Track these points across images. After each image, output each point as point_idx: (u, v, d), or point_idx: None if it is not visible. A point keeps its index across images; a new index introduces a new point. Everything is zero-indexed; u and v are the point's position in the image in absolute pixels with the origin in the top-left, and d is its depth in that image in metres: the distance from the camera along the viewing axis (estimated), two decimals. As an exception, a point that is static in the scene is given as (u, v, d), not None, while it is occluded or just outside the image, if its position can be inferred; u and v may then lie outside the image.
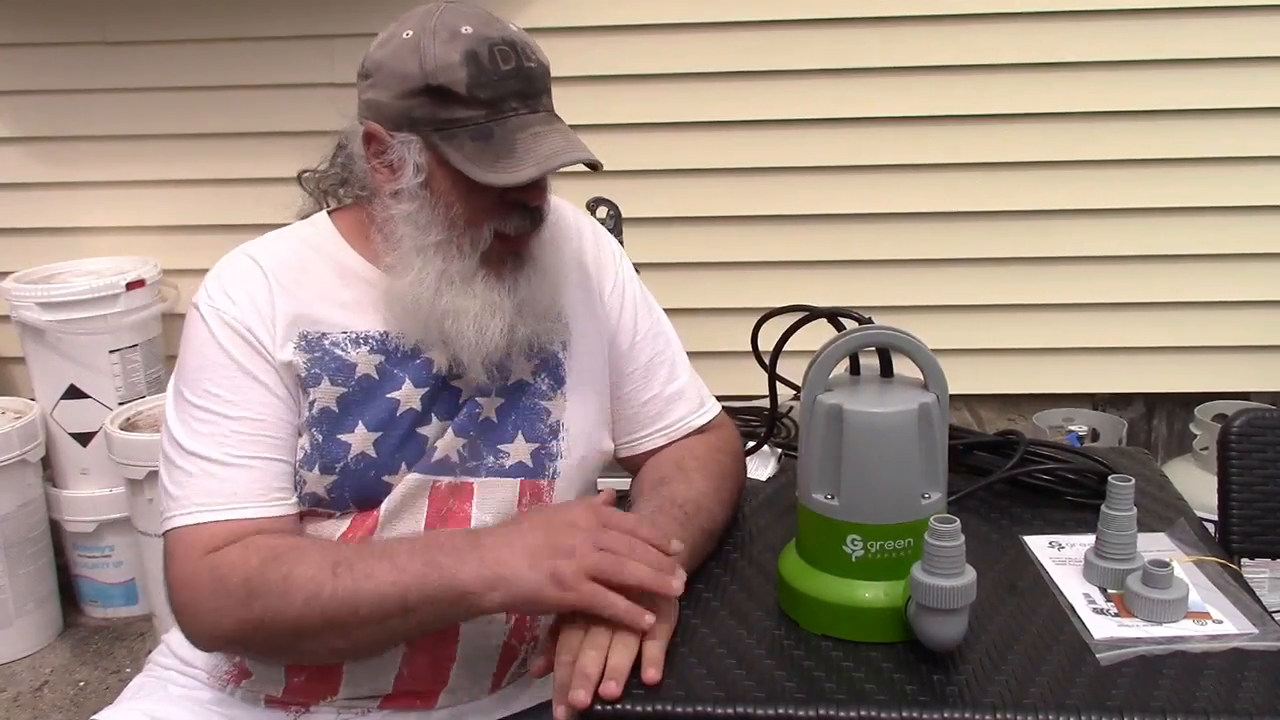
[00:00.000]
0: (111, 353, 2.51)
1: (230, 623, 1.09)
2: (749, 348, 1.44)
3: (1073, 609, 1.08)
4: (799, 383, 1.09)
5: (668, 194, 2.57)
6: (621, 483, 1.37)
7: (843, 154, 2.54)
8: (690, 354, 1.40)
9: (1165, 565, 1.06)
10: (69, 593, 2.67)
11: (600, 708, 0.97)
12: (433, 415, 1.22)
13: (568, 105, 1.21)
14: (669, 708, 0.97)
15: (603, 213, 2.15)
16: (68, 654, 2.55)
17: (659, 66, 2.51)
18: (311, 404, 1.18)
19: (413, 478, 1.20)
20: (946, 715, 0.94)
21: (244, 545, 1.10)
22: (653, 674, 0.99)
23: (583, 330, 1.30)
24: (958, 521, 0.97)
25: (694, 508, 1.21)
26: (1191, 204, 2.53)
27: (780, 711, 0.95)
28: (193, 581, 1.10)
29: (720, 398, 1.41)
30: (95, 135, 2.61)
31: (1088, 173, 2.53)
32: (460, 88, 1.11)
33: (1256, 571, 2.05)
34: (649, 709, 0.97)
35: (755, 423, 1.71)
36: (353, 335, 1.20)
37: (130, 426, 2.41)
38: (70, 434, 2.55)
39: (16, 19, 2.55)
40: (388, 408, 1.20)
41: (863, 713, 0.94)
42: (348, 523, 1.20)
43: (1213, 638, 1.03)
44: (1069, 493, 1.33)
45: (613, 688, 0.97)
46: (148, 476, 2.30)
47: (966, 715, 0.93)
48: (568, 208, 1.35)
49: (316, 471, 1.18)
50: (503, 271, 1.19)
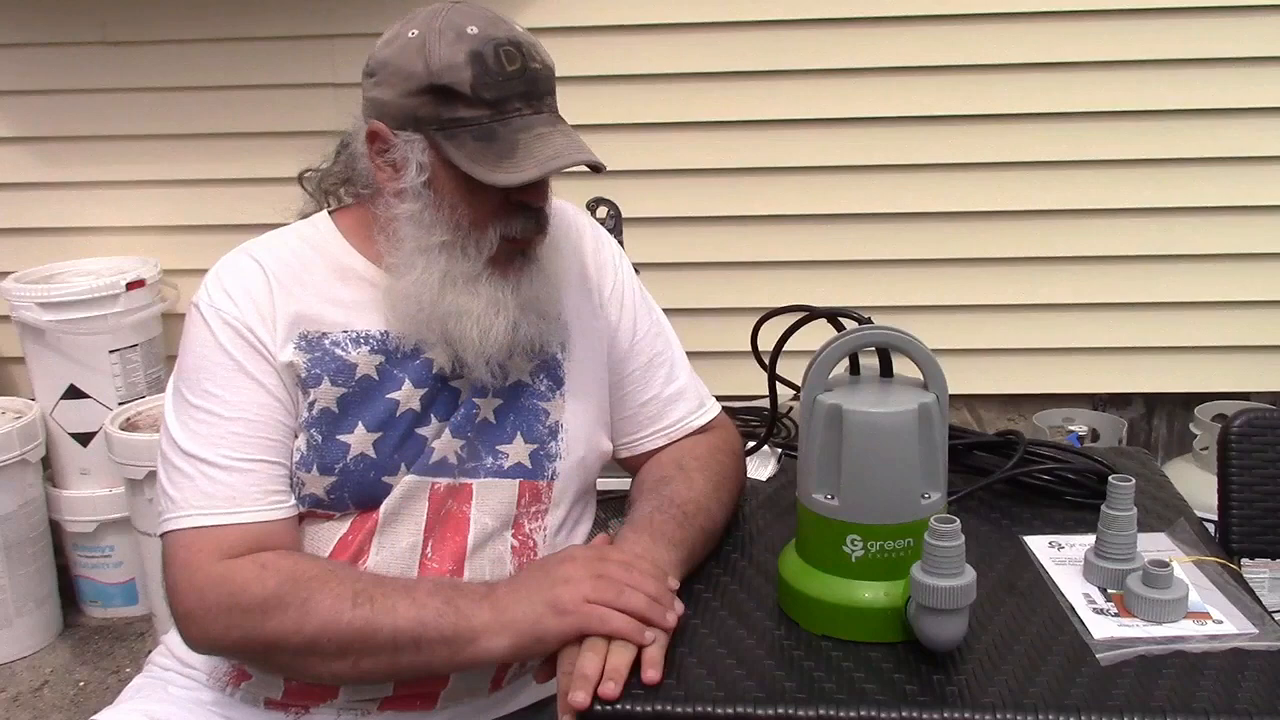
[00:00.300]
0: (111, 353, 2.51)
1: (238, 635, 1.09)
2: (749, 348, 1.44)
3: (1073, 609, 1.08)
4: (799, 383, 1.09)
5: (668, 194, 2.57)
6: (621, 483, 1.37)
7: (843, 154, 2.53)
8: (690, 354, 1.40)
9: (1165, 565, 1.06)
10: (69, 593, 2.66)
11: (600, 708, 0.97)
12: (431, 416, 1.21)
13: (568, 105, 1.21)
14: (669, 708, 0.97)
15: (603, 213, 2.16)
16: (67, 654, 2.54)
17: (659, 66, 2.50)
18: (311, 404, 1.18)
19: (411, 479, 1.20)
20: (946, 715, 0.94)
21: (259, 564, 1.10)
22: (652, 674, 0.99)
23: (582, 331, 1.30)
24: (958, 521, 0.97)
25: (694, 508, 1.21)
26: (1191, 204, 2.53)
27: (780, 711, 0.95)
28: (199, 591, 1.10)
29: (720, 398, 1.41)
30: (95, 135, 2.61)
31: (1088, 173, 2.52)
32: (464, 88, 1.11)
33: (1256, 571, 2.05)
34: (649, 709, 0.97)
35: (755, 423, 1.71)
36: (353, 335, 1.20)
37: (130, 427, 2.41)
38: (70, 434, 2.55)
39: (16, 19, 2.55)
40: (387, 408, 1.20)
41: (863, 713, 0.94)
42: (348, 524, 1.20)
43: (1213, 638, 1.03)
44: (1069, 493, 1.33)
45: (611, 688, 0.97)
46: (147, 477, 2.30)
47: (966, 715, 0.94)
48: (568, 208, 1.35)
49: (315, 472, 1.18)
50: (508, 270, 1.18)
